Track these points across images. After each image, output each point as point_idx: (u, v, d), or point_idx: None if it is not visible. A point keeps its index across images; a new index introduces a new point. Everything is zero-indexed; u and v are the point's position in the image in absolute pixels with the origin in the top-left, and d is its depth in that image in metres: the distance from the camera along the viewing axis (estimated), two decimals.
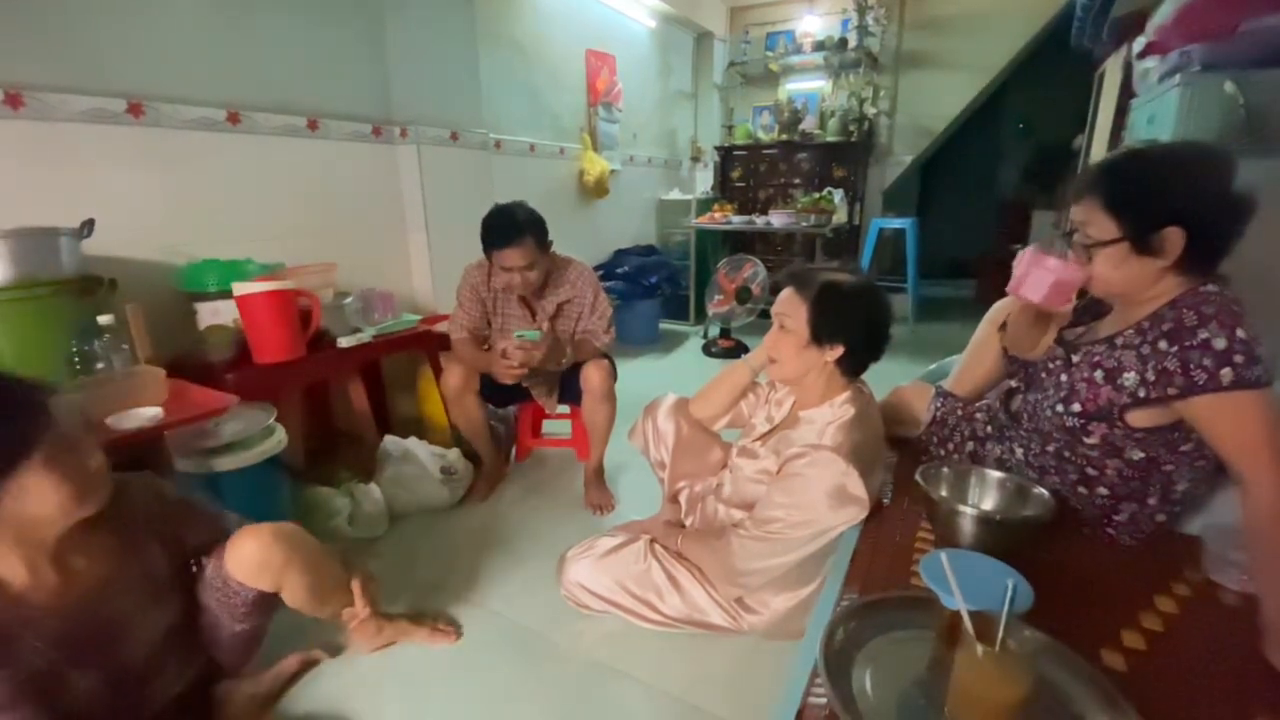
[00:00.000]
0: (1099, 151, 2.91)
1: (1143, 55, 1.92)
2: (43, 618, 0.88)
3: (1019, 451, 1.22)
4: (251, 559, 1.05)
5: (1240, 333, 0.90)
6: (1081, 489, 1.12)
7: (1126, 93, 2.55)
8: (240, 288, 1.67)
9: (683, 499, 1.60)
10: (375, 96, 2.45)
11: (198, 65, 1.92)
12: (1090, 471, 1.10)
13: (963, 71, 4.32)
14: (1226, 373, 0.89)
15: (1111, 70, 2.89)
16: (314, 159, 2.26)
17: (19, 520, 0.84)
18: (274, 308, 1.69)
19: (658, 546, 1.44)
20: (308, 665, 1.34)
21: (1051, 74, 4.69)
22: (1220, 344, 0.90)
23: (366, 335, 1.99)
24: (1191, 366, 0.91)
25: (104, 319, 1.39)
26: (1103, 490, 1.10)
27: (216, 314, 1.76)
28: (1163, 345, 0.95)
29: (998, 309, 1.39)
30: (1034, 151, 5.68)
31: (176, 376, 1.45)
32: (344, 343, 1.92)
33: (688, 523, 1.56)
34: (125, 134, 1.78)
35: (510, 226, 1.81)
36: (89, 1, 1.67)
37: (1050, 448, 1.14)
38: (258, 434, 1.48)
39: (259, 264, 1.90)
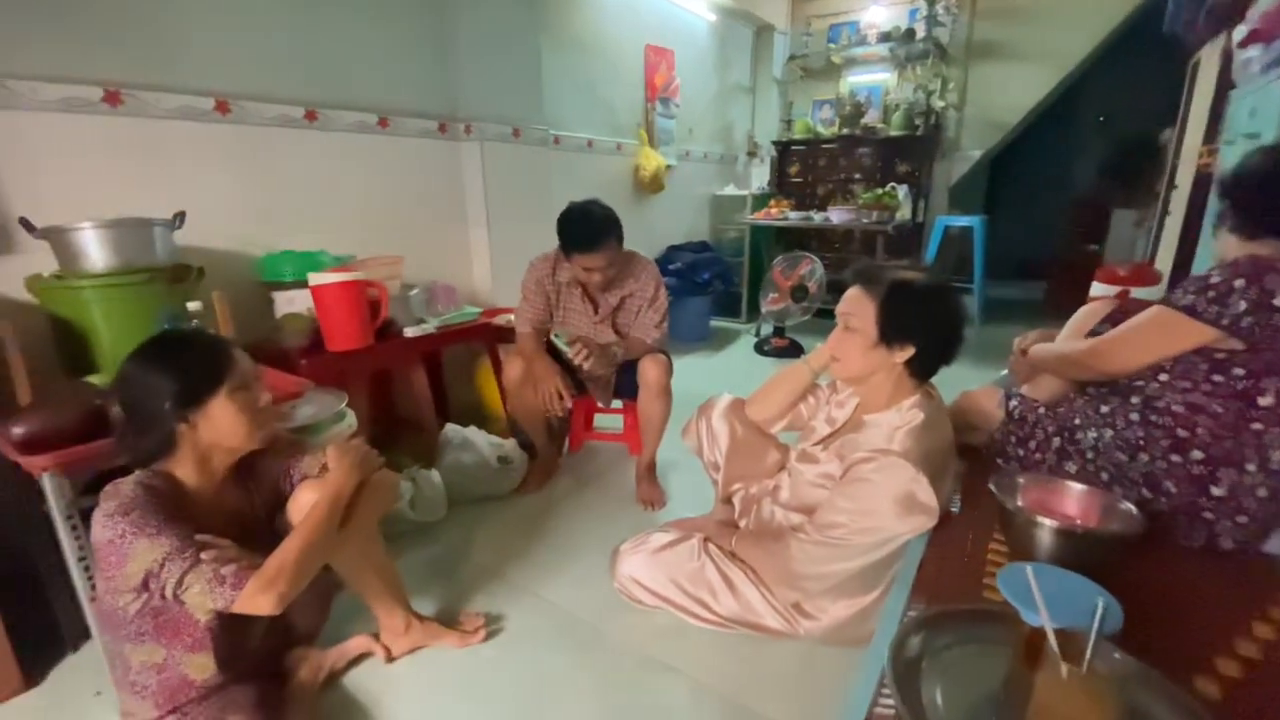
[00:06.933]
0: (1191, 146, 2.73)
1: (1244, 43, 1.80)
2: (198, 525, 1.02)
3: (1108, 434, 1.18)
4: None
5: (1215, 277, 1.03)
6: (1175, 456, 1.09)
7: (1225, 83, 2.39)
8: (315, 278, 1.74)
9: (737, 501, 1.59)
10: (442, 94, 2.51)
11: (280, 65, 2.01)
12: (1181, 433, 1.08)
13: (1039, 61, 4.10)
14: (1178, 293, 1.08)
15: (1207, 59, 2.71)
16: (384, 155, 2.35)
17: (206, 443, 1.05)
18: (346, 298, 1.75)
19: (711, 545, 1.43)
20: (370, 648, 1.38)
21: (1137, 63, 4.41)
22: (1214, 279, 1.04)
23: (430, 326, 2.05)
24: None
25: (193, 305, 1.47)
26: (1197, 454, 1.07)
27: (291, 303, 1.85)
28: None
29: (1083, 315, 1.32)
30: (1115, 146, 5.35)
31: (255, 361, 1.52)
32: (409, 333, 1.98)
33: (741, 524, 1.54)
34: (213, 130, 1.88)
35: (594, 230, 1.82)
36: (182, 5, 1.78)
37: (1134, 415, 1.15)
38: (330, 418, 1.54)
39: (332, 255, 1.98)
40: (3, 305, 1.53)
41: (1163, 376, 1.12)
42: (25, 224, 1.43)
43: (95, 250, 1.42)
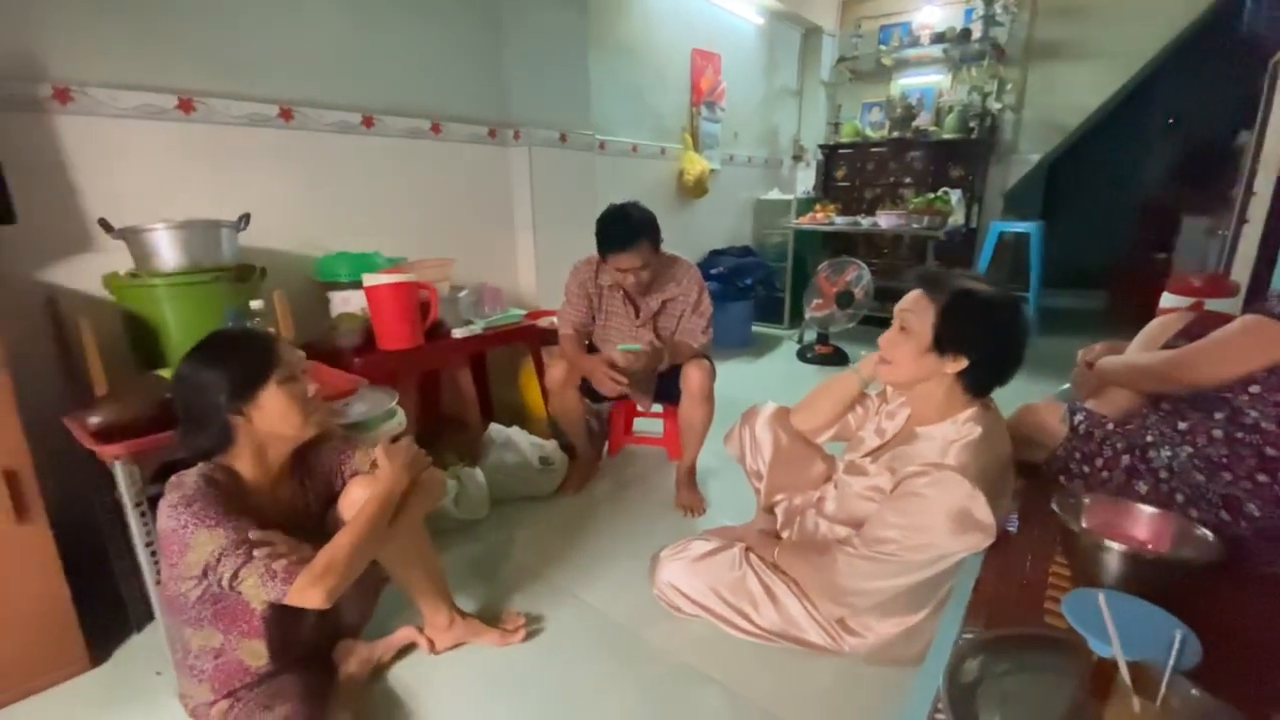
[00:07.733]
0: (1272, 150, 2.56)
1: None
2: (254, 517, 1.06)
3: (1185, 452, 1.12)
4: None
5: None
6: (1262, 476, 1.03)
7: None
8: (369, 279, 1.79)
9: (779, 511, 1.56)
10: (492, 100, 2.56)
11: (339, 72, 2.08)
12: (1270, 452, 1.03)
13: (1104, 61, 3.91)
14: (1272, 300, 1.05)
15: None
16: (436, 159, 2.40)
17: (262, 434, 1.09)
18: (398, 299, 1.80)
19: (753, 555, 1.41)
20: (415, 639, 1.41)
21: (1210, 61, 4.18)
22: None
23: (477, 327, 2.08)
24: None
25: (255, 304, 1.52)
26: None
27: (347, 303, 1.90)
28: None
29: (1156, 327, 1.25)
30: (1185, 149, 5.08)
31: (311, 358, 1.57)
32: (457, 334, 2.02)
33: (784, 535, 1.51)
34: (276, 136, 1.96)
35: (627, 231, 1.83)
36: (250, 16, 1.86)
37: (1217, 432, 1.09)
38: (381, 415, 1.57)
39: (385, 257, 2.03)
40: (81, 301, 1.62)
41: (1253, 389, 1.06)
42: (104, 225, 1.51)
43: (167, 250, 1.49)
